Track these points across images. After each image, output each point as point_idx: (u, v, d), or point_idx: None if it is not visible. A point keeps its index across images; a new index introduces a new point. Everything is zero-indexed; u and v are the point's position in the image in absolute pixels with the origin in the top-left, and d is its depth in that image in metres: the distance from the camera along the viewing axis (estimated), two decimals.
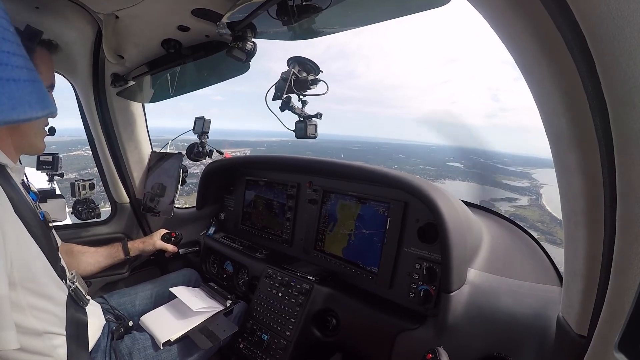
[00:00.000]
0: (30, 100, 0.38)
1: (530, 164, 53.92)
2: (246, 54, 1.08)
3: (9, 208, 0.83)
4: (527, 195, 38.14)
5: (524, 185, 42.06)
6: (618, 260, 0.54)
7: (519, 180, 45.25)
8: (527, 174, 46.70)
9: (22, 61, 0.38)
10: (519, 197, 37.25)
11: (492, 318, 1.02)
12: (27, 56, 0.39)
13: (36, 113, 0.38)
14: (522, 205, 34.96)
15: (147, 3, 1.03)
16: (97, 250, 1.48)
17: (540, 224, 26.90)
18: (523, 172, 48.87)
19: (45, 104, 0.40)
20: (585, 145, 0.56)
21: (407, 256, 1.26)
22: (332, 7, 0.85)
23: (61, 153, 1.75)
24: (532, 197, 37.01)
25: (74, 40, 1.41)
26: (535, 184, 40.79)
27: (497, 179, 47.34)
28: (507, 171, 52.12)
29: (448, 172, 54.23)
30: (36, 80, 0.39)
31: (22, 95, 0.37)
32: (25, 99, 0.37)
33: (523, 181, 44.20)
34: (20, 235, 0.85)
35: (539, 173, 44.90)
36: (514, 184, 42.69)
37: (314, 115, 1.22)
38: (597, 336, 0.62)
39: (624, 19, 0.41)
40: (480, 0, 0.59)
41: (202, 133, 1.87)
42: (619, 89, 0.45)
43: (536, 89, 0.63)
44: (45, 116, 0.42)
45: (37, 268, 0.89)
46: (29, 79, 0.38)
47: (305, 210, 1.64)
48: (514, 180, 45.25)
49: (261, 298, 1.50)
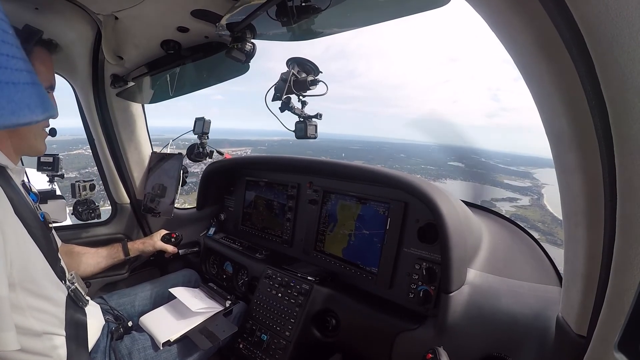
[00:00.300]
0: (30, 104, 0.37)
1: (531, 164, 53.72)
2: (245, 54, 1.08)
3: (9, 209, 0.83)
4: (529, 195, 37.91)
5: (526, 185, 41.77)
6: (618, 260, 0.54)
7: (520, 180, 44.95)
8: (528, 174, 46.39)
9: (22, 64, 0.38)
10: (520, 197, 37.00)
11: (491, 318, 1.02)
12: (27, 59, 0.39)
13: (36, 116, 0.38)
14: (524, 205, 34.71)
15: (147, 4, 1.03)
16: (97, 251, 1.48)
17: (541, 224, 26.71)
18: (525, 172, 48.53)
19: (45, 107, 0.40)
20: (585, 145, 0.56)
21: (407, 256, 1.26)
22: (332, 8, 0.85)
23: (62, 152, 1.75)
24: (533, 197, 36.81)
25: (74, 41, 1.42)
26: (537, 183, 40.52)
27: (498, 178, 47.03)
28: (508, 171, 51.79)
29: (449, 172, 53.90)
30: (36, 83, 0.39)
31: (22, 99, 0.36)
32: (25, 102, 0.37)
33: (525, 181, 43.91)
34: (20, 237, 0.85)
35: (540, 173, 44.67)
36: (515, 184, 42.38)
37: (313, 116, 1.22)
38: (597, 336, 0.61)
39: (622, 19, 0.41)
40: (479, 1, 0.59)
41: (202, 134, 1.88)
42: (619, 89, 0.45)
43: (536, 90, 0.63)
44: (46, 119, 0.42)
45: (37, 269, 0.89)
46: (28, 81, 0.38)
47: (306, 211, 1.64)
48: (516, 180, 44.94)
49: (261, 298, 1.50)
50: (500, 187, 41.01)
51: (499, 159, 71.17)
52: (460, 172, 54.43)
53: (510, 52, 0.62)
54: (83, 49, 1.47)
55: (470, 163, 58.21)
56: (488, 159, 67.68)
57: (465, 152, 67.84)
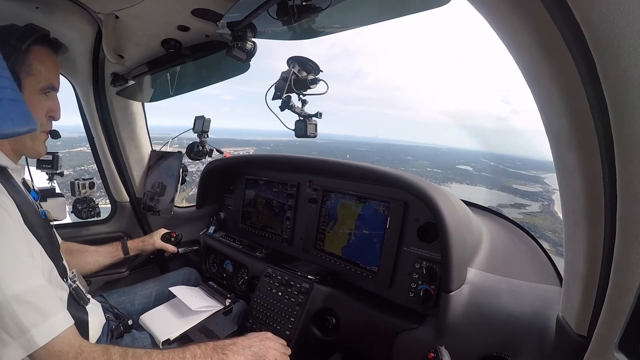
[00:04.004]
0: (13, 118, 0.42)
1: (542, 168, 52.33)
2: (246, 53, 1.07)
3: (14, 210, 0.83)
4: (539, 200, 36.07)
5: (536, 190, 40.09)
6: (618, 260, 0.54)
7: (530, 184, 43.36)
8: (538, 178, 44.33)
9: (6, 82, 0.43)
10: (530, 203, 35.26)
11: (491, 318, 1.02)
12: (11, 77, 0.43)
13: (19, 129, 0.43)
14: (533, 212, 32.87)
15: (147, 3, 1.03)
16: (97, 249, 1.48)
17: (551, 233, 24.00)
18: (535, 176, 46.74)
19: (27, 121, 0.45)
20: (585, 145, 0.56)
21: (407, 256, 1.26)
22: (332, 6, 0.85)
23: (64, 149, 1.75)
24: (543, 203, 34.81)
25: (74, 40, 1.41)
26: (548, 189, 38.36)
27: (506, 183, 45.55)
28: (518, 175, 50.33)
29: (456, 175, 52.93)
30: (19, 100, 0.44)
31: (6, 113, 0.41)
32: (9, 116, 0.42)
33: (535, 185, 42.29)
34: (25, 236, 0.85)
35: (552, 177, 42.96)
36: (524, 189, 40.83)
37: (313, 115, 1.22)
38: (597, 336, 0.61)
39: (624, 19, 0.41)
40: (479, 0, 0.59)
41: (202, 132, 1.88)
42: (619, 89, 0.45)
43: (536, 89, 0.63)
44: (27, 132, 0.47)
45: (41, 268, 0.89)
46: (12, 98, 0.43)
47: (306, 210, 1.64)
48: (525, 184, 43.37)
49: (261, 297, 1.50)
50: (507, 192, 39.58)
51: (508, 162, 70.25)
52: (468, 175, 53.66)
53: (511, 51, 0.62)
54: (83, 48, 1.47)
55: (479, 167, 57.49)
56: (498, 162, 66.73)
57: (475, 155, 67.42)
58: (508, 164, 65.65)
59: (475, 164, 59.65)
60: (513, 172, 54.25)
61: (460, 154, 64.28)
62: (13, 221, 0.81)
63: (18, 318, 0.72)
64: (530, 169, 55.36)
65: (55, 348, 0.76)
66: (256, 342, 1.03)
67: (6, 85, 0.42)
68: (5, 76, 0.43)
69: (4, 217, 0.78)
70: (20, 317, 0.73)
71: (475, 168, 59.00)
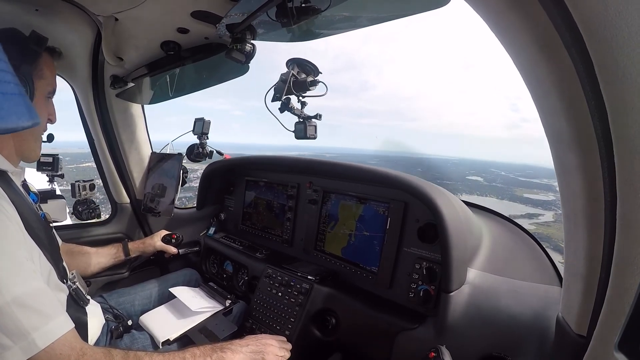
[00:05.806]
0: (17, 112, 0.42)
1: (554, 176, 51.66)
2: (245, 55, 1.08)
3: (14, 214, 0.84)
4: (552, 209, 34.75)
5: (549, 199, 38.97)
6: (618, 260, 0.54)
7: (543, 193, 42.34)
8: (551, 187, 42.31)
9: (10, 77, 0.43)
10: (543, 212, 34.09)
11: (491, 318, 1.02)
12: (14, 72, 0.43)
13: (23, 123, 0.43)
14: (547, 221, 31.55)
15: (147, 5, 1.03)
16: (98, 250, 1.48)
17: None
18: (548, 185, 45.34)
19: (31, 115, 0.45)
20: (585, 145, 0.56)
21: (407, 256, 1.26)
22: (332, 8, 0.85)
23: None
24: (557, 212, 32.97)
25: (74, 42, 1.42)
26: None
27: (518, 192, 44.46)
28: (530, 184, 49.06)
29: (466, 187, 51.81)
30: (22, 94, 0.44)
31: (11, 107, 0.41)
32: (13, 110, 0.42)
33: (548, 194, 41.16)
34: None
35: None
36: (537, 198, 39.60)
37: (313, 117, 1.23)
38: (597, 336, 0.61)
39: (622, 20, 0.41)
40: (478, 1, 0.59)
41: (202, 134, 1.88)
42: (618, 89, 0.45)
43: (535, 90, 0.63)
44: (31, 126, 0.47)
45: (41, 269, 0.89)
46: (16, 92, 0.43)
47: (306, 211, 1.64)
48: (538, 193, 42.16)
49: (261, 298, 1.50)
50: (519, 202, 38.23)
51: (520, 171, 69.48)
52: (478, 186, 52.54)
53: (510, 52, 0.63)
54: (83, 50, 1.47)
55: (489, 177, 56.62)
56: (509, 172, 65.76)
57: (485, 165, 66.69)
58: (519, 173, 65.02)
59: (486, 175, 58.81)
60: (525, 181, 53.29)
61: (472, 165, 63.68)
62: (13, 226, 0.81)
63: (19, 321, 0.72)
64: (542, 178, 54.30)
65: (57, 351, 0.76)
66: (253, 341, 1.08)
67: (9, 79, 0.42)
68: (8, 70, 0.42)
69: (4, 222, 0.78)
70: (21, 320, 0.73)
71: (485, 178, 58.06)
